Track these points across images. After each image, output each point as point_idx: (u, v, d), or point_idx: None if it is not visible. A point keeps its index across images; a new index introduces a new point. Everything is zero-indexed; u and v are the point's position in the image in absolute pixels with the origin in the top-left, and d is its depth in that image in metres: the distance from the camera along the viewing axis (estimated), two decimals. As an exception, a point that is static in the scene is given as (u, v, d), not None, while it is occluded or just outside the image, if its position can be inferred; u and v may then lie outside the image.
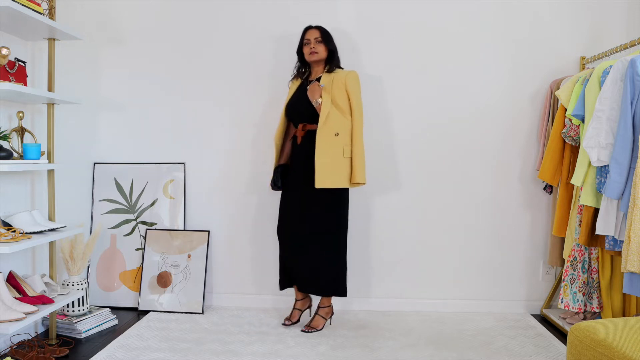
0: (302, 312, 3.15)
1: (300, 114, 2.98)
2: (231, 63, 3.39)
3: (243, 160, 3.43)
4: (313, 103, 2.87)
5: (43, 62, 2.93)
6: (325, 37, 2.96)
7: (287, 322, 3.09)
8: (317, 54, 2.93)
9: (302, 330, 3.00)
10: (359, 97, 2.93)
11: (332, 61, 2.98)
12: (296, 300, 3.15)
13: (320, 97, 2.87)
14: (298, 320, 3.11)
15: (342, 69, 3.03)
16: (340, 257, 3.00)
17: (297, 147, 2.99)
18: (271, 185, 3.09)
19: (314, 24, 3.03)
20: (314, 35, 2.96)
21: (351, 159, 2.89)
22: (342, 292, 3.02)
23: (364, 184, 2.92)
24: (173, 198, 3.44)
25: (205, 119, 3.42)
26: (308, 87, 2.93)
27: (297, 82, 3.08)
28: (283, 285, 3.11)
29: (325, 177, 2.82)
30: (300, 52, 3.03)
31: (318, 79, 2.97)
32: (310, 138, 2.91)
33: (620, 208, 2.47)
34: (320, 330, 3.01)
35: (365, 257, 3.44)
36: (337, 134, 2.85)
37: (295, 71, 3.10)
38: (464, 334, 3.00)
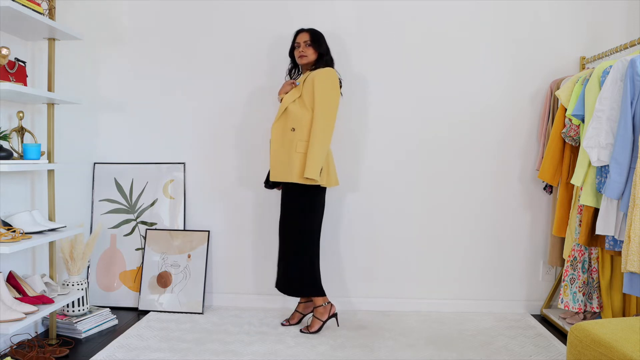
0: (304, 315, 3.14)
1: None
2: (231, 63, 3.39)
3: (243, 160, 3.43)
4: (278, 99, 2.87)
5: (43, 62, 2.93)
6: (315, 40, 2.95)
7: (285, 323, 3.09)
8: (306, 57, 2.95)
9: (300, 330, 3.00)
10: (324, 93, 2.83)
11: (320, 63, 2.97)
12: (299, 302, 3.16)
13: (286, 93, 2.94)
14: (298, 323, 3.11)
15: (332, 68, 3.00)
16: (309, 258, 2.96)
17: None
18: (264, 183, 3.12)
19: (306, 27, 3.04)
20: (303, 38, 2.97)
21: (304, 154, 2.83)
22: (314, 292, 2.98)
23: (315, 180, 2.81)
24: (173, 198, 3.44)
25: (205, 119, 3.42)
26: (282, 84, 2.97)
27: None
28: (277, 285, 3.09)
29: (278, 171, 2.88)
30: (292, 54, 3.05)
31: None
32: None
33: (620, 208, 2.47)
34: (317, 332, 2.98)
35: (365, 257, 3.44)
36: (294, 129, 2.85)
37: (287, 73, 3.13)
38: (464, 334, 3.00)
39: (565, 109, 2.89)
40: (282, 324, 3.09)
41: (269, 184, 3.05)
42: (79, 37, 2.78)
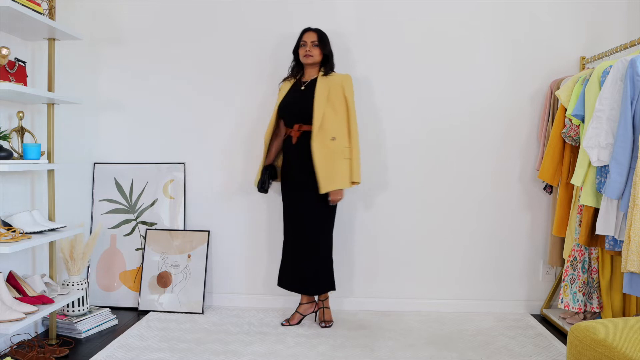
0: (304, 316, 3.15)
1: (295, 114, 3.00)
2: (231, 63, 3.38)
3: (243, 160, 3.43)
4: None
5: (43, 62, 2.93)
6: (322, 41, 3.00)
7: (285, 323, 3.10)
8: (312, 57, 2.98)
9: (323, 326, 3.06)
10: (352, 99, 3.00)
11: (326, 65, 3.03)
12: (301, 304, 3.16)
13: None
14: (298, 323, 3.11)
15: (335, 72, 3.08)
16: (329, 254, 3.09)
17: (292, 147, 3.02)
18: (258, 186, 3.09)
19: (313, 26, 3.05)
20: (311, 38, 2.99)
21: (350, 159, 2.95)
22: (330, 287, 3.10)
23: (359, 183, 3.00)
24: (173, 198, 3.44)
25: (205, 119, 3.42)
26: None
27: (290, 82, 3.10)
28: (282, 284, 3.13)
29: (329, 181, 2.90)
30: (296, 52, 3.06)
31: (312, 82, 3.01)
32: (304, 139, 2.96)
33: (620, 208, 2.47)
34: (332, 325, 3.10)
35: (365, 258, 3.44)
36: (334, 138, 2.91)
37: (289, 71, 3.13)
38: (464, 334, 3.00)
39: (565, 109, 2.89)
40: (282, 324, 3.09)
41: (265, 189, 3.07)
42: (79, 37, 2.78)
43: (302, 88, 3.04)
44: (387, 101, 3.37)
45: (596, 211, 2.68)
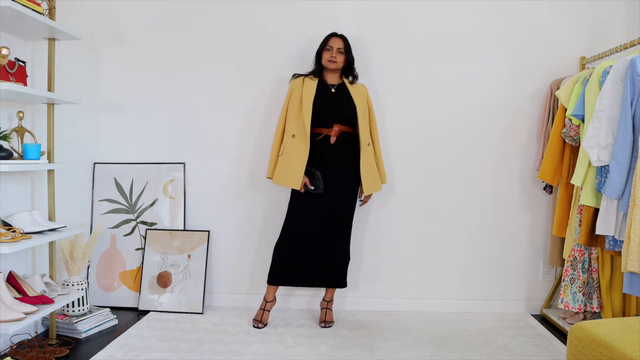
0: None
1: (335, 115, 3.02)
2: (231, 63, 3.38)
3: (243, 160, 3.43)
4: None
5: (43, 62, 2.93)
6: (347, 48, 3.07)
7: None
8: (336, 63, 3.04)
9: (324, 327, 3.08)
10: (373, 108, 3.20)
11: (351, 72, 3.13)
12: (268, 302, 3.12)
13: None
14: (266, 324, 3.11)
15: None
16: (348, 251, 3.19)
17: (330, 147, 3.02)
18: (316, 191, 2.98)
19: (339, 32, 3.11)
20: (337, 44, 3.04)
21: (377, 164, 3.14)
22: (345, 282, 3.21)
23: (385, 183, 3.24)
24: (173, 198, 3.44)
25: (206, 119, 3.42)
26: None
27: (314, 82, 3.07)
28: (281, 282, 3.09)
29: (373, 184, 3.08)
30: (319, 54, 3.08)
31: (341, 86, 3.09)
32: (342, 139, 3.03)
33: (620, 208, 2.47)
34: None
35: (365, 258, 3.44)
36: (369, 143, 3.07)
37: (311, 71, 3.12)
38: (464, 334, 3.00)
39: (565, 109, 2.89)
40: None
41: (321, 188, 2.99)
42: (79, 37, 2.78)
43: (333, 90, 3.07)
44: (387, 101, 3.37)
45: (596, 211, 2.68)
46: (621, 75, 2.48)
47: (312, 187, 2.98)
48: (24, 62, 2.66)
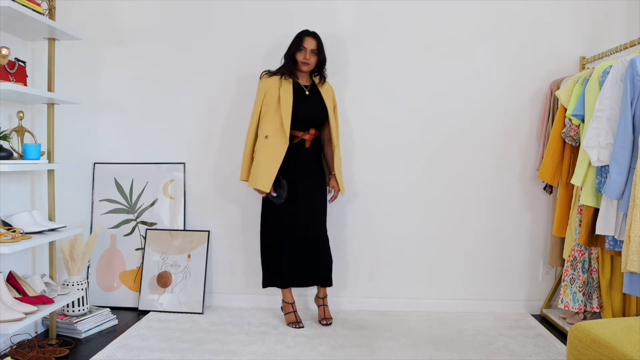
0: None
1: (311, 119, 3.05)
2: (231, 63, 3.38)
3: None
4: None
5: (43, 62, 2.93)
6: (320, 48, 3.03)
7: (301, 325, 3.08)
8: (309, 65, 3.03)
9: (324, 324, 3.10)
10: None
11: (321, 72, 3.10)
12: (291, 303, 3.15)
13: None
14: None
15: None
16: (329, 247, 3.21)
17: (305, 151, 3.05)
18: (277, 199, 2.98)
19: (311, 29, 3.05)
20: (311, 45, 3.00)
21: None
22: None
23: None
24: (173, 198, 3.44)
25: (205, 119, 3.42)
26: None
27: (289, 83, 3.00)
28: (288, 283, 3.11)
29: (342, 183, 3.15)
30: (292, 55, 3.00)
31: (313, 87, 3.09)
32: (313, 142, 3.08)
33: (620, 208, 2.47)
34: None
35: (365, 258, 3.44)
36: (334, 145, 3.13)
37: (283, 70, 3.03)
38: (464, 334, 3.00)
39: (565, 109, 2.89)
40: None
41: (284, 197, 3.00)
42: (79, 37, 2.78)
43: (307, 93, 3.05)
44: (387, 101, 3.37)
45: (596, 211, 2.68)
46: (621, 75, 2.48)
47: (275, 194, 2.97)
48: (24, 62, 2.66)
